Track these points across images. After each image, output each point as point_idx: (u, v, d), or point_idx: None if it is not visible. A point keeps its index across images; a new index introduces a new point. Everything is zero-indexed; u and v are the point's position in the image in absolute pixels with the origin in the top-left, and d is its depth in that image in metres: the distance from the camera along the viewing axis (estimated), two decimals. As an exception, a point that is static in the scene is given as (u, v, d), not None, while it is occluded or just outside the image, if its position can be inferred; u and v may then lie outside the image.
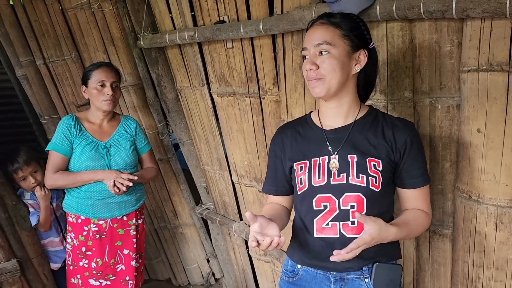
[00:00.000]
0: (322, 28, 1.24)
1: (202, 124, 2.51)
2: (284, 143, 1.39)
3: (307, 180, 1.29)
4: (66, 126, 2.07)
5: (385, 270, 1.27)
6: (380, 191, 1.23)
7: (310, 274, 1.34)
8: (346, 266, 1.27)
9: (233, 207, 2.60)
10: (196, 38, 2.11)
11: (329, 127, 1.32)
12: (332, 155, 1.28)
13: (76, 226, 2.14)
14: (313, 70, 1.23)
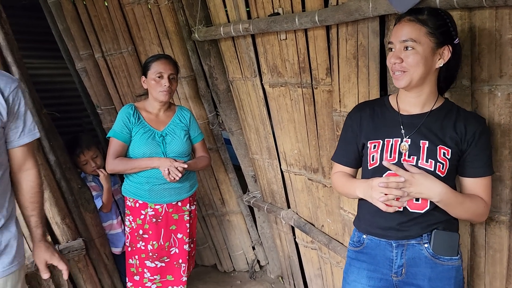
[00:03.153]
0: (409, 25, 1.32)
1: (252, 114, 2.59)
2: (362, 120, 1.50)
3: (378, 157, 1.40)
4: (126, 115, 2.20)
5: (443, 236, 1.36)
6: (444, 177, 1.32)
7: (374, 242, 1.45)
8: (406, 234, 1.37)
9: (281, 195, 2.67)
10: (250, 30, 2.19)
11: (405, 112, 1.42)
12: (405, 138, 1.37)
13: (134, 209, 2.27)
14: (398, 63, 1.33)
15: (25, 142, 1.49)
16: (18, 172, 1.52)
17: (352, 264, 1.51)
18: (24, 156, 1.51)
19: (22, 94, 1.47)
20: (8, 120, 1.42)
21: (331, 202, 2.26)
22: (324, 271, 2.56)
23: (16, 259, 1.45)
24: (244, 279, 3.20)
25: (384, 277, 1.43)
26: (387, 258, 1.42)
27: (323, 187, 2.27)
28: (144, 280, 2.31)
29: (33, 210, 1.55)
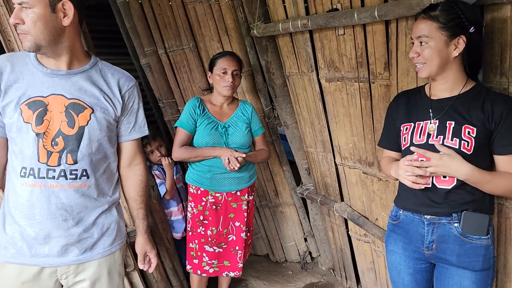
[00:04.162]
0: (422, 22, 1.48)
1: (308, 108, 2.65)
2: (398, 107, 1.68)
3: (409, 139, 1.57)
4: (192, 106, 2.33)
5: (473, 217, 1.47)
6: (471, 154, 1.44)
7: (408, 218, 1.61)
8: (437, 211, 1.51)
9: (335, 188, 2.72)
10: (309, 26, 2.25)
11: (435, 97, 1.57)
12: (432, 120, 1.53)
13: (196, 196, 2.41)
14: (415, 57, 1.51)
15: (134, 138, 1.60)
16: (127, 166, 1.63)
17: (390, 235, 1.71)
18: (133, 151, 1.62)
19: (137, 93, 1.58)
20: (121, 115, 1.53)
21: (386, 196, 2.28)
22: (377, 264, 2.58)
23: (116, 241, 1.57)
24: (296, 269, 3.28)
25: (417, 250, 1.59)
26: (419, 233, 1.57)
27: (378, 180, 2.30)
28: (203, 264, 2.45)
29: (141, 203, 1.65)
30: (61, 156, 1.41)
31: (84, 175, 1.46)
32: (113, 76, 1.52)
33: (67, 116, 1.41)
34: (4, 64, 1.41)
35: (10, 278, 1.45)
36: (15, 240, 1.44)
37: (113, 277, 1.59)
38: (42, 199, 1.41)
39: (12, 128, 1.40)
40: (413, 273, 1.63)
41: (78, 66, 1.46)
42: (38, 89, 1.40)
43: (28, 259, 1.44)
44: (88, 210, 1.49)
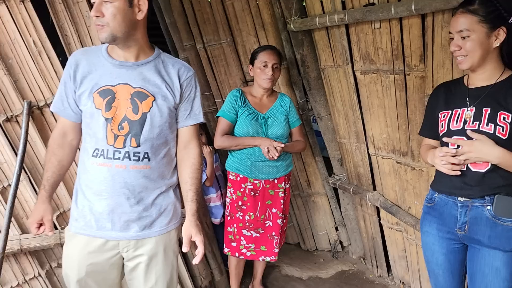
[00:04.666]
0: (462, 16, 1.54)
1: (342, 100, 2.74)
2: (438, 97, 1.77)
3: (446, 125, 1.66)
4: (234, 97, 2.45)
5: (505, 201, 1.53)
6: (506, 139, 1.51)
7: (443, 200, 1.70)
8: (470, 193, 1.59)
9: (367, 177, 2.80)
10: (345, 20, 2.33)
11: (473, 86, 1.64)
12: (469, 107, 1.60)
13: (235, 183, 2.53)
14: (457, 51, 1.57)
15: (189, 124, 1.70)
16: (183, 150, 1.73)
17: (425, 217, 1.80)
18: (189, 136, 1.72)
19: (194, 83, 1.69)
20: (179, 102, 1.65)
21: (420, 185, 2.35)
22: (409, 252, 2.66)
23: (172, 221, 1.70)
24: (327, 258, 3.38)
25: (451, 231, 1.68)
26: (453, 215, 1.66)
27: (412, 170, 2.37)
28: (240, 247, 2.57)
29: (191, 185, 1.71)
30: (126, 139, 1.55)
31: (146, 158, 1.59)
32: (173, 66, 1.64)
33: (132, 103, 1.55)
34: (80, 58, 1.57)
35: (79, 247, 1.61)
36: (84, 213, 1.60)
37: (168, 254, 1.71)
38: (108, 177, 1.56)
39: (86, 114, 1.56)
40: (447, 253, 1.72)
41: (143, 58, 1.59)
42: (108, 79, 1.55)
43: (95, 232, 1.59)
44: (148, 190, 1.62)
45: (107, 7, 1.45)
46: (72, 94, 1.58)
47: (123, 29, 1.48)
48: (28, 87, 2.20)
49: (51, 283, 2.39)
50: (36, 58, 2.18)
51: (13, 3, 2.09)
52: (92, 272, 1.62)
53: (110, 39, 1.49)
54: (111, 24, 1.46)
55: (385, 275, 3.03)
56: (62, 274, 1.71)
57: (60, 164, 1.67)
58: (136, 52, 1.57)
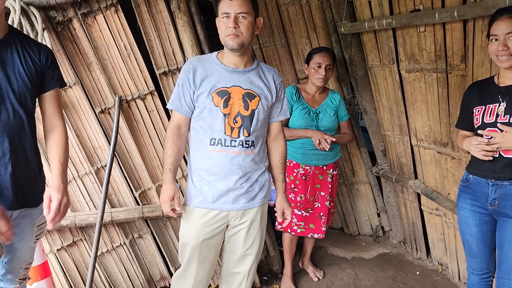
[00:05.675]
0: (509, 20, 1.78)
1: (387, 96, 3.01)
2: (472, 95, 2.03)
3: (481, 118, 1.92)
4: (289, 93, 2.77)
5: None
6: None
7: (476, 180, 1.99)
8: (501, 176, 1.87)
9: (409, 167, 3.07)
10: (393, 24, 2.61)
11: (503, 84, 1.91)
12: (502, 103, 1.85)
13: (289, 168, 2.84)
14: (504, 50, 1.79)
15: (280, 119, 2.05)
16: (273, 141, 2.07)
17: (461, 194, 2.10)
18: (278, 130, 2.06)
19: (283, 86, 2.05)
20: (274, 101, 1.99)
21: (459, 172, 2.60)
22: (448, 235, 2.91)
23: (267, 195, 2.06)
24: (368, 241, 3.66)
25: (483, 206, 1.97)
26: (484, 192, 1.94)
27: (452, 159, 2.63)
28: (292, 224, 2.89)
29: (282, 169, 2.08)
30: (239, 131, 1.91)
31: (253, 145, 1.94)
32: (269, 73, 2.00)
33: (243, 101, 1.90)
34: (196, 64, 1.92)
35: (197, 218, 1.96)
36: (202, 191, 1.95)
37: (263, 222, 2.09)
38: (226, 161, 1.91)
39: (204, 110, 1.90)
40: (479, 225, 2.01)
41: (249, 66, 1.94)
42: (223, 82, 1.89)
43: (211, 205, 1.94)
44: (254, 171, 1.98)
45: (242, 21, 1.79)
46: (190, 95, 1.92)
47: (249, 39, 1.83)
48: (119, 84, 2.60)
49: (133, 250, 2.81)
50: (126, 59, 2.57)
51: (108, 13, 2.49)
52: (206, 239, 1.97)
53: (240, 46, 1.81)
54: (245, 34, 1.80)
55: (424, 257, 3.28)
56: (180, 244, 2.06)
57: (179, 151, 2.01)
58: (246, 59, 1.92)
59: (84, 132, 2.60)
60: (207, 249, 1.99)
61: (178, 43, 2.63)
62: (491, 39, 1.86)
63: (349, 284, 3.02)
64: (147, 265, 2.88)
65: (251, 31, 1.82)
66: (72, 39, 2.47)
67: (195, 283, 2.03)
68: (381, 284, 3.00)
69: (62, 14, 2.42)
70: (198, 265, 2.00)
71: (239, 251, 2.04)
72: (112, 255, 2.78)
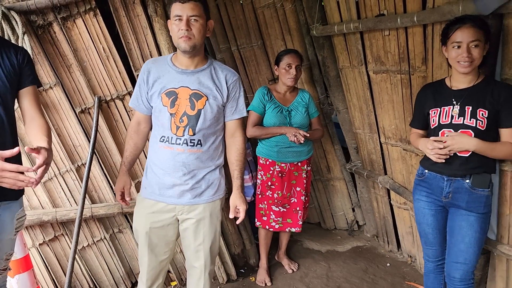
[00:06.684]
0: (473, 29, 1.91)
1: (357, 95, 3.16)
2: (426, 96, 2.16)
3: (437, 120, 2.07)
4: (261, 94, 2.90)
5: (480, 176, 2.00)
6: (484, 130, 1.95)
7: (432, 175, 2.14)
8: (456, 173, 2.03)
9: (379, 163, 3.22)
10: (360, 28, 2.75)
11: (456, 88, 2.06)
12: (456, 105, 1.99)
13: (265, 166, 2.98)
14: (466, 56, 1.92)
15: (235, 118, 2.11)
16: (229, 138, 2.14)
17: (417, 188, 2.26)
18: (234, 128, 2.13)
19: (238, 85, 2.09)
20: (227, 101, 2.06)
21: (422, 168, 2.75)
22: (415, 228, 3.05)
23: (217, 193, 2.13)
24: (344, 235, 3.81)
25: (438, 198, 2.14)
26: (440, 187, 2.11)
27: (416, 155, 2.77)
28: (270, 221, 3.03)
29: (237, 166, 2.12)
30: (185, 130, 2.00)
31: (199, 144, 2.03)
32: (222, 72, 2.08)
33: (190, 102, 1.99)
34: (151, 66, 2.04)
35: (146, 207, 2.09)
36: (151, 183, 2.08)
37: (213, 219, 2.15)
38: (171, 157, 2.02)
39: (156, 109, 2.03)
40: (435, 214, 2.17)
41: (200, 66, 2.03)
42: (173, 83, 2.00)
43: (158, 197, 2.06)
44: (199, 168, 2.07)
45: (194, 24, 1.88)
46: (145, 94, 2.05)
47: (201, 41, 1.93)
48: (98, 85, 2.71)
49: (113, 244, 2.92)
50: (105, 61, 2.68)
51: (88, 17, 2.59)
52: (154, 229, 2.08)
53: (192, 48, 1.91)
54: (197, 37, 1.90)
55: (395, 250, 3.44)
56: (133, 230, 2.20)
57: (136, 146, 2.17)
58: (197, 60, 2.02)
59: (65, 131, 2.71)
60: (157, 238, 2.10)
61: (155, 46, 2.74)
62: (453, 45, 1.97)
63: (322, 275, 3.16)
64: (127, 258, 3.00)
65: (203, 33, 1.92)
66: (52, 42, 2.58)
67: (149, 270, 2.14)
68: (352, 276, 3.14)
69: (42, 18, 2.52)
70: (149, 252, 2.11)
71: (191, 246, 2.14)
72: (93, 249, 2.90)
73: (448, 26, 2.02)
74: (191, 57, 1.99)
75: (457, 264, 2.06)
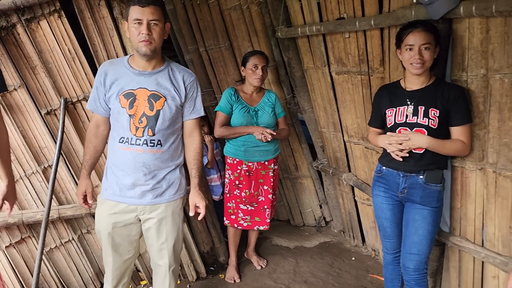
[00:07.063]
0: (425, 33, 2.03)
1: (321, 96, 3.26)
2: (382, 96, 2.30)
3: (393, 119, 2.20)
4: (229, 94, 2.96)
5: (433, 172, 2.13)
6: (436, 128, 2.08)
7: (389, 172, 2.26)
8: (411, 169, 2.15)
9: (343, 161, 3.33)
10: (321, 30, 2.85)
11: (409, 89, 2.19)
12: (410, 105, 2.10)
13: (233, 165, 3.05)
14: (419, 58, 2.04)
15: (193, 117, 2.17)
16: (187, 138, 2.20)
17: (375, 184, 2.38)
18: (192, 127, 2.19)
19: (196, 85, 2.15)
20: (184, 101, 2.13)
21: (383, 165, 2.87)
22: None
23: (178, 192, 2.18)
24: (312, 232, 3.91)
25: (394, 194, 2.26)
26: (396, 182, 2.23)
27: (376, 153, 2.89)
28: (238, 219, 3.10)
29: (194, 165, 2.20)
30: (144, 130, 2.04)
31: (159, 144, 2.08)
32: (179, 73, 2.13)
33: (149, 103, 2.04)
34: (108, 68, 2.07)
35: (107, 209, 2.12)
36: (112, 184, 2.11)
37: (175, 218, 2.20)
38: (131, 158, 2.06)
39: (114, 111, 2.06)
40: (392, 209, 2.29)
41: (157, 67, 2.08)
42: (131, 84, 2.03)
43: (119, 198, 2.10)
44: (160, 169, 2.11)
45: (154, 28, 1.93)
46: (103, 96, 2.07)
47: (160, 44, 1.99)
48: (64, 86, 2.72)
49: (81, 245, 2.93)
50: (70, 63, 2.69)
51: (52, 19, 2.59)
52: (116, 228, 2.12)
53: (153, 51, 1.96)
54: (157, 40, 1.96)
55: (360, 244, 3.56)
56: (95, 231, 2.24)
57: (95, 149, 2.19)
58: (155, 62, 2.06)
59: (30, 133, 2.70)
60: (120, 238, 2.14)
61: (122, 47, 2.76)
62: (406, 48, 2.09)
63: (289, 271, 3.25)
64: (96, 259, 3.01)
65: (162, 37, 1.99)
66: (16, 44, 2.57)
67: (114, 270, 2.18)
68: (318, 270, 3.25)
69: (5, 19, 2.51)
70: (113, 252, 2.15)
71: (155, 245, 2.18)
72: (61, 250, 2.90)
73: (402, 30, 2.15)
74: (149, 60, 2.03)
75: (411, 255, 2.18)
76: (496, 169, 2.08)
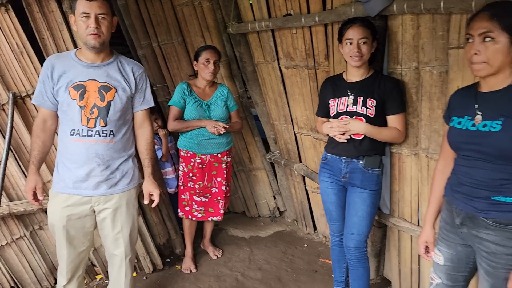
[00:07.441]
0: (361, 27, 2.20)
1: (272, 89, 3.38)
2: (326, 88, 2.45)
3: (335, 109, 2.30)
4: (181, 89, 3.02)
5: (371, 158, 2.31)
6: (373, 117, 2.25)
7: (333, 158, 2.41)
8: (351, 154, 2.31)
9: (295, 152, 3.47)
10: (270, 26, 2.97)
11: (350, 80, 2.34)
12: (350, 96, 2.26)
13: (186, 158, 3.11)
14: (358, 52, 2.20)
15: (143, 108, 2.23)
16: (138, 129, 2.25)
17: (321, 170, 2.52)
18: (142, 118, 2.25)
19: (145, 77, 2.22)
20: (134, 92, 2.19)
21: (330, 155, 3.03)
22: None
23: (131, 182, 2.22)
24: (266, 222, 4.04)
25: (338, 179, 2.42)
26: (339, 168, 2.38)
27: (324, 143, 3.03)
28: (192, 210, 3.17)
29: (146, 155, 2.26)
30: (96, 121, 2.08)
31: (112, 134, 2.12)
32: (128, 65, 2.18)
33: (99, 94, 2.07)
34: (54, 62, 2.08)
35: (60, 202, 2.13)
36: (64, 177, 2.12)
37: (130, 207, 2.25)
38: (83, 150, 2.08)
39: (63, 103, 2.07)
40: (337, 193, 2.45)
41: (106, 60, 2.11)
42: (80, 76, 2.06)
43: (72, 190, 2.11)
44: (113, 159, 2.15)
45: (102, 21, 1.97)
46: (51, 90, 2.07)
47: (108, 38, 2.03)
48: (13, 81, 2.68)
49: (34, 242, 2.90)
50: (19, 57, 2.66)
51: (-2, 12, 2.56)
52: (70, 221, 2.13)
53: (102, 44, 2.00)
54: (105, 34, 2.00)
55: (312, 232, 3.72)
56: (48, 226, 2.23)
57: (44, 144, 2.17)
58: (104, 55, 2.10)
59: (-23, 129, 2.65)
60: (74, 230, 2.16)
61: (72, 42, 2.76)
62: (346, 42, 2.24)
63: (245, 259, 3.36)
64: (49, 255, 2.99)
65: (110, 30, 2.03)
66: (-40, 37, 2.52)
67: (68, 263, 2.20)
68: (272, 257, 3.38)
69: None
70: (68, 245, 2.16)
71: (110, 234, 2.22)
72: (12, 247, 2.86)
73: (342, 26, 2.30)
74: (98, 52, 2.07)
75: (352, 235, 2.34)
76: (428, 154, 2.27)
